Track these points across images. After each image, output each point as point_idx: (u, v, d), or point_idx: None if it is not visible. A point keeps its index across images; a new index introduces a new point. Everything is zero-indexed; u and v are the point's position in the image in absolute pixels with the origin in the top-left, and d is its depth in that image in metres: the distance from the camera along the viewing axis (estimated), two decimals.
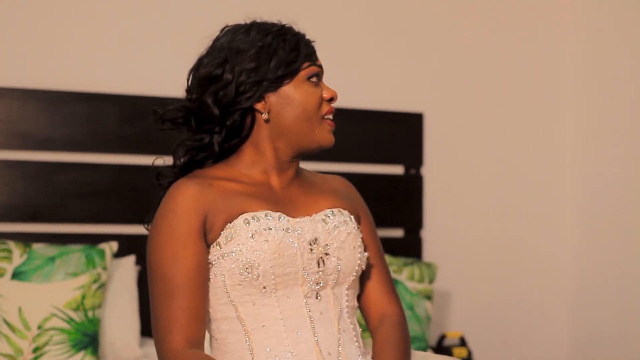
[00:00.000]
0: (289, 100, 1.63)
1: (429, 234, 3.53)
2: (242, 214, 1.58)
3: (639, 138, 3.43)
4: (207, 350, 1.64)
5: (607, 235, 3.56)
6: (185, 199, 1.58)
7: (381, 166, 3.40)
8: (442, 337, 3.36)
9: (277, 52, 1.63)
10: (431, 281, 3.15)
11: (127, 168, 3.08)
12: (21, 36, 3.03)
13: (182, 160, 1.70)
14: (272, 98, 1.64)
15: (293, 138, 1.65)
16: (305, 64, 1.65)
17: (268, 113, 1.64)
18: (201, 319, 1.56)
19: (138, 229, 3.09)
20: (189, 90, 1.70)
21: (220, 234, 1.58)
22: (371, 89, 3.46)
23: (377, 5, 3.50)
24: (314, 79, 1.66)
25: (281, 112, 1.64)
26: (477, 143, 3.65)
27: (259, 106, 1.64)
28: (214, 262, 1.58)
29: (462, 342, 3.36)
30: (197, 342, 1.54)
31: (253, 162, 1.67)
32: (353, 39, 3.40)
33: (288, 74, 1.63)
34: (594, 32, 3.67)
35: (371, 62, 3.45)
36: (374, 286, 1.75)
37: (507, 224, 3.68)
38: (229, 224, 1.58)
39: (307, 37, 1.70)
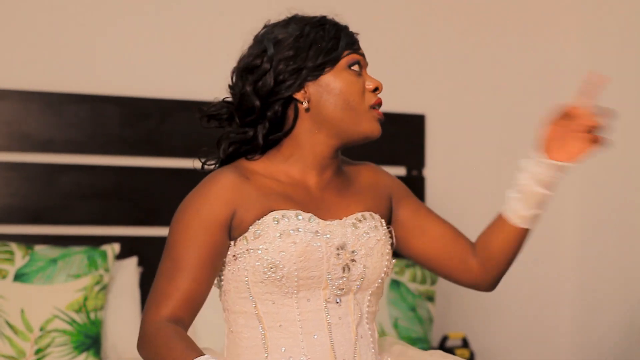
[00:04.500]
0: (329, 89, 1.60)
1: None
2: (272, 211, 1.56)
3: None
4: (222, 342, 1.64)
5: (610, 236, 3.55)
6: (219, 188, 1.57)
7: (383, 167, 3.39)
8: (445, 339, 3.36)
9: (316, 40, 1.60)
10: (433, 282, 3.15)
11: (129, 170, 3.08)
12: (22, 38, 3.03)
13: (227, 152, 1.67)
14: (312, 87, 1.60)
15: (335, 128, 1.61)
16: (346, 52, 1.62)
17: (308, 102, 1.60)
18: (194, 306, 1.54)
19: (140, 231, 3.10)
20: (230, 85, 1.68)
21: (249, 229, 1.56)
22: None
23: (378, 7, 3.50)
24: (355, 68, 1.63)
25: (321, 101, 1.60)
26: (479, 144, 3.64)
27: (298, 95, 1.61)
28: (238, 256, 1.56)
29: (465, 343, 3.36)
30: (180, 324, 1.52)
31: (292, 156, 1.63)
32: None
33: (328, 61, 1.60)
34: (597, 34, 3.66)
35: (372, 63, 3.44)
36: (455, 235, 1.76)
37: None
38: (258, 220, 1.56)
39: (349, 28, 1.68)
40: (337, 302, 1.58)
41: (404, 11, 3.55)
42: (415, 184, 3.48)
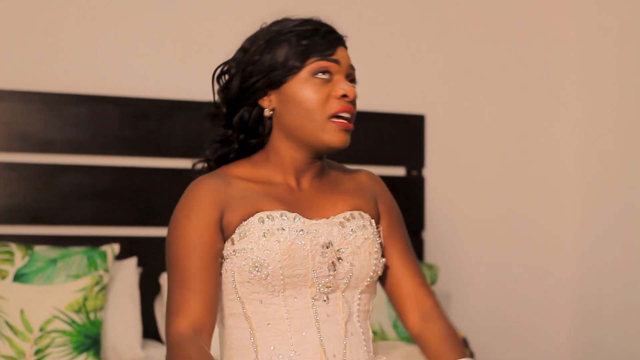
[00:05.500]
0: (289, 98, 1.58)
1: (430, 236, 3.53)
2: (258, 212, 1.57)
3: None
4: (216, 342, 1.64)
5: (610, 237, 3.55)
6: (204, 193, 1.57)
7: (383, 168, 3.39)
8: None
9: (283, 46, 1.58)
10: (433, 283, 3.15)
11: (128, 170, 3.08)
12: (22, 38, 3.03)
13: (206, 153, 1.69)
14: (274, 95, 1.60)
15: (298, 137, 1.59)
16: (312, 60, 1.58)
17: (272, 111, 1.61)
18: (211, 306, 1.54)
19: (140, 231, 3.10)
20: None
21: (235, 230, 1.57)
22: (373, 91, 3.46)
23: (378, 8, 3.50)
24: (322, 75, 1.58)
25: (283, 111, 1.60)
26: (479, 145, 3.64)
27: (264, 103, 1.61)
28: (226, 257, 1.57)
29: (464, 344, 3.36)
30: (204, 329, 1.53)
31: (271, 161, 1.63)
32: (354, 41, 3.39)
33: (290, 69, 1.57)
34: (596, 34, 3.66)
35: (373, 64, 3.45)
36: (407, 280, 1.70)
37: (509, 226, 3.67)
38: (244, 221, 1.57)
39: (332, 30, 1.64)
40: (325, 300, 1.58)
41: (404, 11, 3.55)
42: (415, 184, 3.48)
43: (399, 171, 3.48)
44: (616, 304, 3.49)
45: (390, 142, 3.44)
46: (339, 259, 1.59)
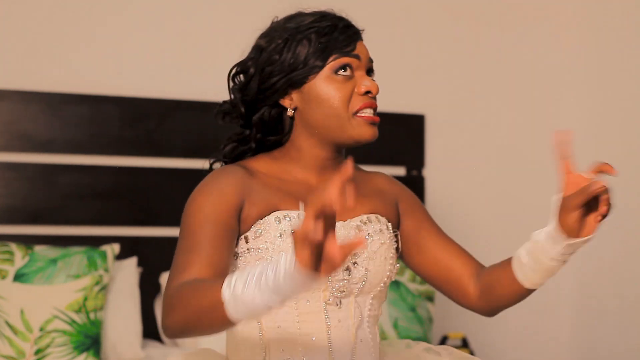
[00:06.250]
0: (312, 97, 1.55)
1: None
2: (275, 211, 1.54)
3: None
4: (222, 343, 1.62)
5: (610, 236, 3.55)
6: (229, 179, 1.53)
7: (383, 167, 3.38)
8: (444, 339, 3.36)
9: (303, 44, 1.56)
10: None
11: (128, 170, 3.08)
12: (22, 38, 3.03)
13: (223, 151, 1.65)
14: (296, 94, 1.57)
15: (323, 134, 1.57)
16: (332, 57, 1.56)
17: (294, 110, 1.58)
18: (217, 271, 1.44)
19: (140, 231, 3.10)
20: (229, 87, 1.66)
21: (251, 227, 1.53)
22: None
23: (378, 7, 3.50)
24: (343, 72, 1.57)
25: (306, 109, 1.57)
26: (479, 145, 3.64)
27: (285, 102, 1.58)
28: (239, 255, 1.54)
29: (464, 344, 3.36)
30: None
31: (293, 158, 1.60)
32: None
33: (312, 68, 1.55)
34: (597, 35, 3.66)
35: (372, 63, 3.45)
36: (455, 261, 1.74)
37: (509, 226, 3.67)
38: (260, 219, 1.53)
39: (350, 24, 1.62)
40: (337, 305, 1.56)
41: (404, 11, 3.55)
42: (415, 184, 3.48)
43: (399, 171, 3.48)
44: (616, 303, 3.49)
45: (391, 142, 3.44)
46: (354, 263, 1.56)
